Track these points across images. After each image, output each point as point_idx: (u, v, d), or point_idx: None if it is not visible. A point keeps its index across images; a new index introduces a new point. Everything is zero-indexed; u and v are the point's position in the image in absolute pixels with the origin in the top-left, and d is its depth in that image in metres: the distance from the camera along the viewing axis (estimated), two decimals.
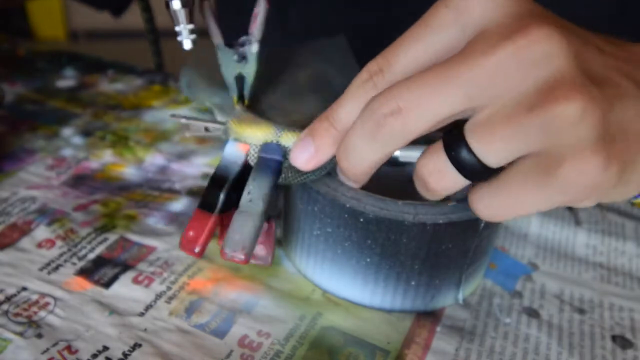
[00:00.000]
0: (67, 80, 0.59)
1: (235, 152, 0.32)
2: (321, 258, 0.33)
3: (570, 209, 0.45)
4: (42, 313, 0.31)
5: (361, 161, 0.27)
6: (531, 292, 0.36)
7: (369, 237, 0.31)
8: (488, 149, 0.24)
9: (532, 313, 0.35)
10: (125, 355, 0.29)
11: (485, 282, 0.37)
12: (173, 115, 0.33)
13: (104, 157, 0.47)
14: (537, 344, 0.32)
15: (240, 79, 0.36)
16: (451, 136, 0.25)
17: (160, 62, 0.70)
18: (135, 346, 0.30)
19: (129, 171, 0.45)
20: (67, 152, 0.47)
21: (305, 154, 0.28)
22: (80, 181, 0.43)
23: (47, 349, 0.29)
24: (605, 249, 0.41)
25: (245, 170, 0.31)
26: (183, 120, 0.33)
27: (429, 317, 0.34)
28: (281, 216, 0.38)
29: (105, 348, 0.29)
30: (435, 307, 0.34)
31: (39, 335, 0.30)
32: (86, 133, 0.50)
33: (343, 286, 0.33)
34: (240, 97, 0.36)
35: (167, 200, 0.42)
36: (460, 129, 0.24)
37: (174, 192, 0.43)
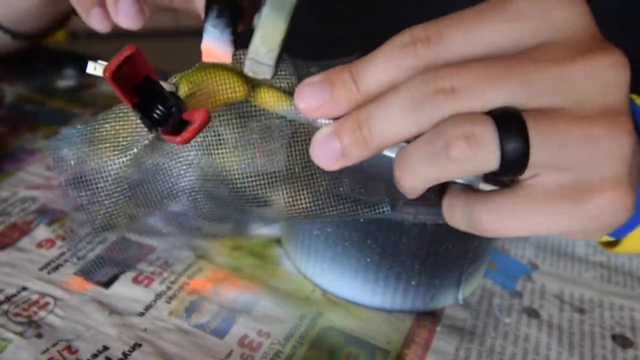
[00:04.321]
0: (67, 80, 0.59)
1: None
2: (321, 258, 0.33)
3: None
4: (42, 313, 0.31)
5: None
6: (531, 292, 0.36)
7: (369, 237, 0.31)
8: (545, 140, 0.22)
9: (532, 313, 0.35)
10: (125, 355, 0.29)
11: (485, 282, 0.37)
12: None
13: None
14: (537, 344, 0.32)
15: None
16: (506, 112, 0.22)
17: None
18: (135, 346, 0.30)
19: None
20: None
21: (316, 99, 0.24)
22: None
23: (47, 349, 0.29)
24: None
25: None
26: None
27: (429, 317, 0.34)
28: None
29: (105, 348, 0.29)
30: (435, 307, 0.34)
31: (39, 335, 0.30)
32: None
33: (343, 286, 0.33)
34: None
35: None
36: (515, 111, 0.22)
37: None
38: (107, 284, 0.34)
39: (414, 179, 0.24)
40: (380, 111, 0.23)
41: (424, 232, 0.30)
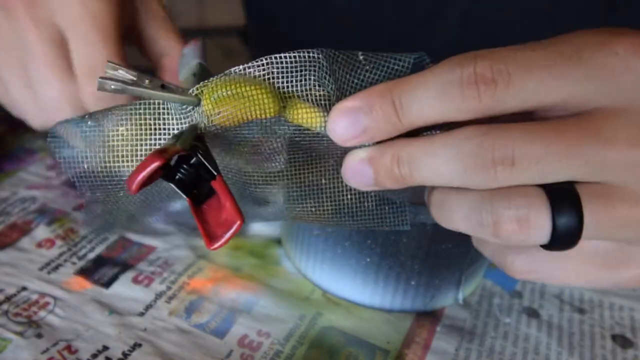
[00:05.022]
0: None
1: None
2: (321, 258, 0.33)
3: None
4: (42, 313, 0.31)
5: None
6: (531, 292, 0.36)
7: (369, 237, 0.31)
8: (599, 221, 0.21)
9: (532, 313, 0.35)
10: (125, 355, 0.29)
11: (485, 282, 0.37)
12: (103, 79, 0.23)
13: None
14: (537, 344, 0.32)
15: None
16: (562, 191, 0.21)
17: None
18: (135, 346, 0.30)
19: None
20: None
21: (350, 129, 0.22)
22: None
23: (47, 349, 0.29)
24: None
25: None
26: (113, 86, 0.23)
27: (429, 317, 0.34)
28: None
29: (105, 348, 0.29)
30: (435, 307, 0.34)
31: (39, 335, 0.30)
32: None
33: (343, 286, 0.33)
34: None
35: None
36: (571, 188, 0.21)
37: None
38: (107, 284, 0.34)
39: (451, 226, 0.23)
40: (425, 158, 0.22)
41: (424, 232, 0.30)
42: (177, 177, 0.22)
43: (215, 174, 0.22)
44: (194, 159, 0.22)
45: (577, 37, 0.21)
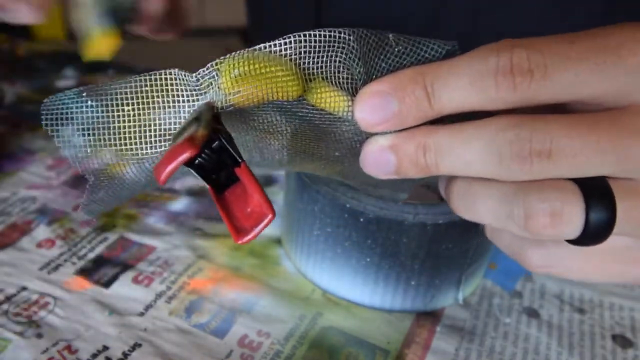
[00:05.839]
0: (67, 80, 0.59)
1: None
2: (321, 258, 0.33)
3: None
4: (42, 313, 0.31)
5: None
6: (531, 292, 0.36)
7: (369, 237, 0.31)
8: (632, 217, 0.20)
9: (532, 313, 0.35)
10: (125, 355, 0.29)
11: (485, 282, 0.37)
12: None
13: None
14: (537, 344, 0.32)
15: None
16: (595, 186, 0.20)
17: None
18: (135, 346, 0.30)
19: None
20: None
21: (379, 114, 0.21)
22: (80, 181, 0.43)
23: (47, 349, 0.29)
24: None
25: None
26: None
27: (429, 317, 0.34)
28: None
29: (105, 348, 0.29)
30: (435, 307, 0.34)
31: (39, 335, 0.30)
32: None
33: (343, 286, 0.33)
34: None
35: (167, 200, 0.42)
36: (605, 183, 0.21)
37: (174, 192, 0.43)
38: (107, 284, 0.34)
39: (472, 217, 0.22)
40: (454, 148, 0.21)
41: (424, 232, 0.30)
42: (196, 161, 0.21)
43: (240, 160, 0.21)
44: (216, 143, 0.20)
45: (617, 31, 0.20)
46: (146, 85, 0.22)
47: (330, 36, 0.21)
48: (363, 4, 0.51)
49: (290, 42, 0.21)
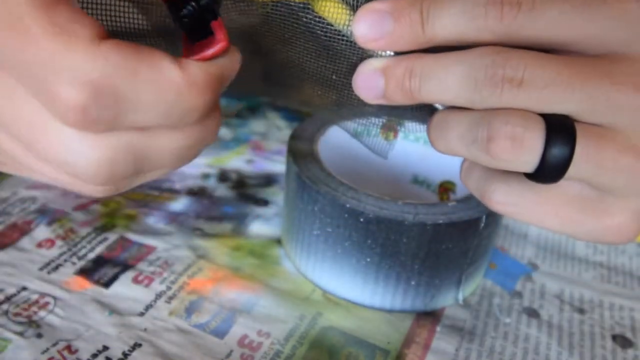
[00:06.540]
0: None
1: None
2: (321, 258, 0.33)
3: None
4: (42, 313, 0.31)
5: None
6: (531, 292, 0.36)
7: (369, 237, 0.31)
8: (588, 160, 0.21)
9: (532, 313, 0.35)
10: (125, 355, 0.29)
11: (485, 282, 0.37)
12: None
13: None
14: (537, 344, 0.32)
15: None
16: (559, 122, 0.21)
17: None
18: (135, 346, 0.30)
19: None
20: None
21: (375, 30, 0.22)
22: None
23: (47, 349, 0.29)
24: (605, 248, 0.41)
25: None
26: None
27: (429, 317, 0.34)
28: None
29: (105, 348, 0.29)
30: (435, 307, 0.34)
31: (39, 335, 0.30)
32: None
33: (343, 286, 0.33)
34: None
35: (167, 200, 0.42)
36: (569, 121, 0.21)
37: (174, 192, 0.43)
38: (107, 284, 0.34)
39: (444, 147, 0.24)
40: (437, 72, 0.22)
41: (424, 232, 0.30)
42: (182, 13, 0.21)
43: (218, 15, 0.21)
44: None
45: None
46: None
47: None
48: None
49: None
